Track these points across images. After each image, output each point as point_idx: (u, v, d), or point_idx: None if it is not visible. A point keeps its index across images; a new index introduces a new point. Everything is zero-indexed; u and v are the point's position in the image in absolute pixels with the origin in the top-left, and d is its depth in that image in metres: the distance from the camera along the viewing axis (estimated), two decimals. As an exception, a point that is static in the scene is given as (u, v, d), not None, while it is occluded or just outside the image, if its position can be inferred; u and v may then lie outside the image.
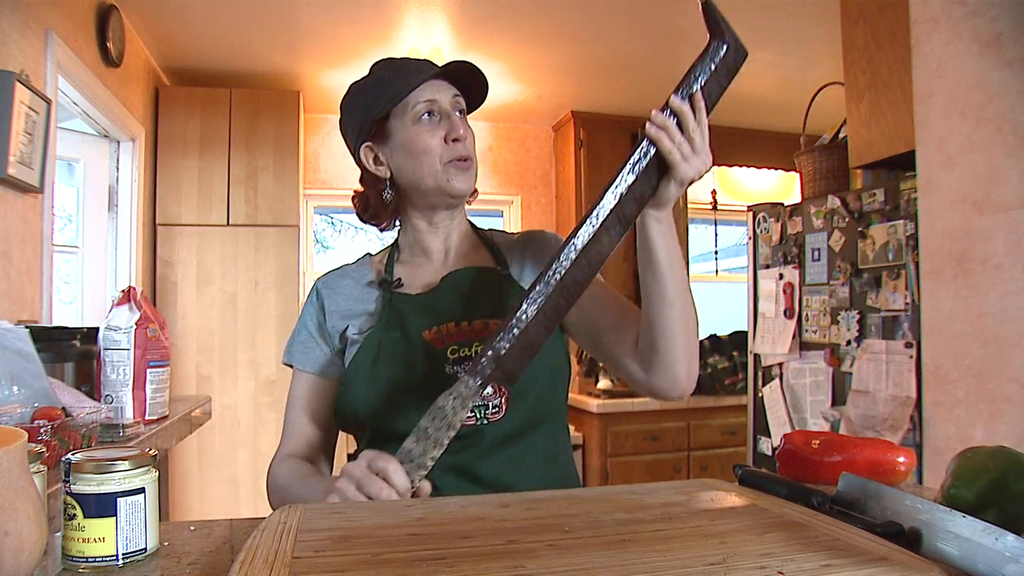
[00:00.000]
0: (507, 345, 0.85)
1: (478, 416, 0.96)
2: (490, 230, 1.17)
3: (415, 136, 1.01)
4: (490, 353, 0.85)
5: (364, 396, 0.98)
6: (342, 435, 1.14)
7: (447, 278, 1.04)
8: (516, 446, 0.97)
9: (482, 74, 1.05)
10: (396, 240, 1.14)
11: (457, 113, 1.04)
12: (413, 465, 0.81)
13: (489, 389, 0.90)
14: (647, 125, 0.84)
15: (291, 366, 1.09)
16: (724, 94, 0.89)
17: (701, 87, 0.86)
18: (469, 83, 1.06)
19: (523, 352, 0.86)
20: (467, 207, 1.14)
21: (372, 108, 1.03)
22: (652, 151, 0.86)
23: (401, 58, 1.06)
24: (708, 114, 0.85)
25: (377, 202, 1.08)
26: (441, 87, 1.03)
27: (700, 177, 0.87)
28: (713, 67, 0.87)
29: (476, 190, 1.10)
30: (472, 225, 1.16)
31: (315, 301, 1.10)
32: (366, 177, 1.09)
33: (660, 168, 0.86)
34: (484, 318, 1.00)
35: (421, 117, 1.01)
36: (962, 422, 1.57)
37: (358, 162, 1.08)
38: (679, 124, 0.84)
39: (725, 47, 0.88)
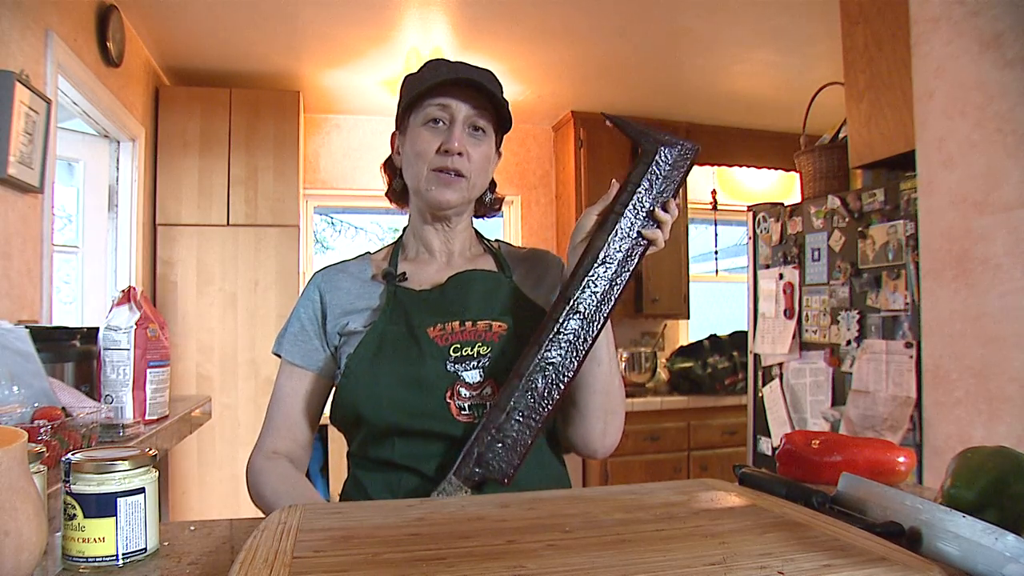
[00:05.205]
0: (478, 450, 0.89)
1: (477, 416, 0.96)
2: (497, 241, 1.19)
3: (417, 137, 1.03)
4: (464, 455, 0.89)
5: (364, 388, 0.97)
6: (336, 434, 1.15)
7: (454, 277, 1.05)
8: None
9: (496, 93, 1.02)
10: (400, 237, 1.15)
11: (471, 129, 1.03)
12: None
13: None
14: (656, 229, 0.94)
15: (279, 356, 1.08)
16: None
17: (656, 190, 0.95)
18: (492, 101, 1.03)
19: (507, 451, 0.89)
20: (479, 219, 1.17)
21: (402, 99, 1.07)
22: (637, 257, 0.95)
23: (454, 61, 1.05)
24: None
25: (394, 185, 1.15)
26: (463, 98, 1.01)
27: None
28: (666, 169, 0.95)
29: (499, 200, 1.16)
30: (478, 234, 1.18)
31: (314, 296, 1.08)
32: (390, 160, 1.14)
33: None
34: (488, 319, 1.01)
35: (428, 121, 1.02)
36: (962, 422, 1.56)
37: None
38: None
39: (667, 150, 0.94)
